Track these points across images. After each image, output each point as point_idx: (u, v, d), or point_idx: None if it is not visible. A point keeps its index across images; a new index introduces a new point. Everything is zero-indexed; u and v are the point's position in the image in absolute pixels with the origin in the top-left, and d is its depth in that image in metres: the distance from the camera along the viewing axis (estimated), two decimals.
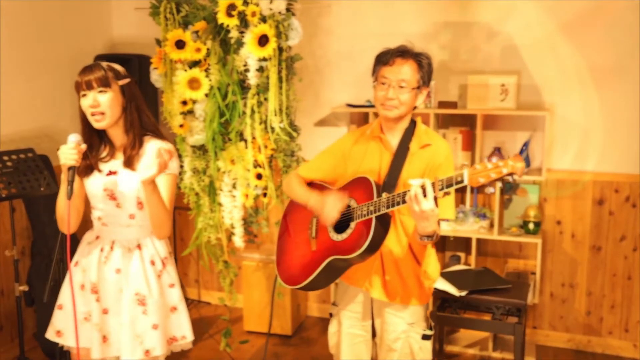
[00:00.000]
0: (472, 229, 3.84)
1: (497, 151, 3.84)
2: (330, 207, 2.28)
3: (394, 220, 2.35)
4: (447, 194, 2.02)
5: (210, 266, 3.81)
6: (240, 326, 4.28)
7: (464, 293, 3.30)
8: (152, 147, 2.33)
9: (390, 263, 2.39)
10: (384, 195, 2.19)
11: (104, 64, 2.30)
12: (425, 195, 2.01)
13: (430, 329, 2.49)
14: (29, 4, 3.91)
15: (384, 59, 2.34)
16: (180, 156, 3.47)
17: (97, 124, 2.27)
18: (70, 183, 2.19)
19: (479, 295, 3.31)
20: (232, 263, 3.65)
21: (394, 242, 2.38)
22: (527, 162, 3.77)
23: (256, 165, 3.31)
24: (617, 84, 3.70)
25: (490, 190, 2.01)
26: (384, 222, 2.25)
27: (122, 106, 2.30)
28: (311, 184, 2.54)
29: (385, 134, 2.40)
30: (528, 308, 3.74)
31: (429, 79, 2.35)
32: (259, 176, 3.30)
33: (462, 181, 1.95)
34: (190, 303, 4.73)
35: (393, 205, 2.13)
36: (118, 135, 2.34)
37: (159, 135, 2.39)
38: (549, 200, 3.90)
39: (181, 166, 3.48)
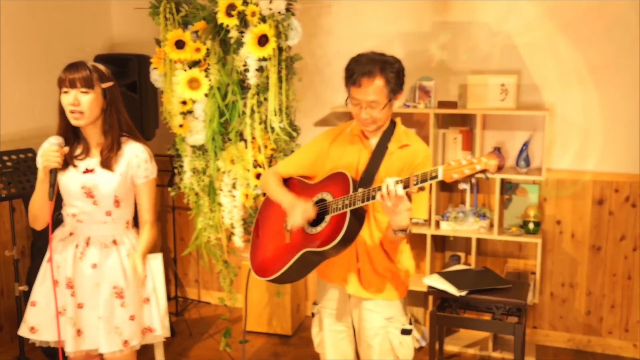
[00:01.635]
0: (472, 228, 3.84)
1: (497, 151, 3.82)
2: (297, 214, 2.33)
3: (368, 216, 2.37)
4: (421, 189, 2.05)
5: (210, 266, 3.81)
6: (240, 326, 4.28)
7: (464, 293, 3.30)
8: (130, 149, 2.41)
9: (363, 254, 2.43)
10: (360, 190, 2.21)
11: (90, 63, 2.34)
12: (397, 190, 2.04)
13: (410, 323, 2.50)
14: (29, 4, 3.91)
15: (351, 78, 2.27)
16: (179, 156, 3.48)
17: (75, 121, 2.32)
18: (52, 185, 2.27)
19: (479, 295, 3.31)
20: (232, 263, 3.65)
21: (367, 237, 2.41)
22: (527, 162, 3.77)
23: (256, 165, 3.31)
24: (617, 83, 3.70)
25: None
26: (359, 217, 2.28)
27: (101, 108, 2.35)
28: (290, 178, 2.58)
29: (365, 133, 2.43)
30: (528, 308, 3.73)
31: (402, 83, 2.32)
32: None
33: (436, 176, 2.00)
34: (190, 303, 4.73)
35: (368, 200, 2.16)
36: (94, 135, 2.40)
37: (135, 137, 2.46)
38: (548, 200, 3.89)
39: (181, 166, 3.49)
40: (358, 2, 4.08)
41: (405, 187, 2.04)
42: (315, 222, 2.36)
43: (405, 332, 2.46)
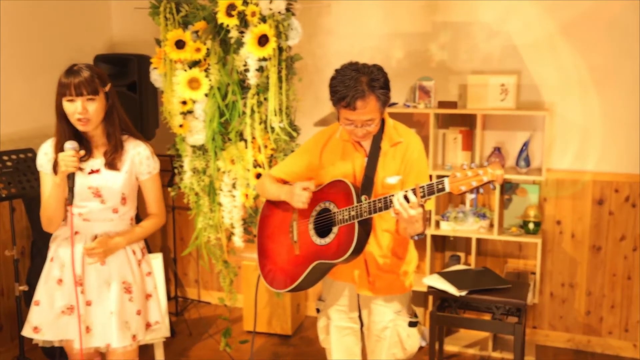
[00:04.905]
0: (472, 228, 3.84)
1: (497, 151, 3.84)
2: (297, 196, 2.36)
3: (373, 222, 2.38)
4: (428, 199, 2.11)
5: (210, 266, 3.81)
6: (240, 326, 4.28)
7: (463, 293, 3.30)
8: (132, 147, 2.45)
9: (373, 265, 2.45)
10: (364, 198, 2.25)
11: (88, 67, 2.33)
12: (409, 202, 2.08)
13: (415, 316, 2.55)
14: (29, 4, 3.91)
15: (342, 102, 2.22)
16: (179, 156, 3.49)
17: (83, 127, 2.35)
18: (71, 189, 2.29)
19: (478, 295, 3.31)
20: (231, 263, 3.65)
21: (374, 246, 2.42)
22: (527, 162, 3.78)
23: (256, 165, 3.31)
24: (616, 84, 3.70)
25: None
26: (366, 226, 2.30)
27: (104, 111, 2.38)
28: (286, 184, 2.59)
29: None
30: (528, 308, 3.74)
31: (389, 90, 2.29)
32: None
33: (443, 189, 2.05)
34: (190, 303, 4.73)
35: (375, 211, 2.20)
36: (97, 136, 2.42)
37: (135, 135, 2.50)
38: (548, 200, 3.90)
39: (181, 166, 3.49)
40: (358, 2, 4.08)
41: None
42: (322, 233, 2.38)
43: (412, 324, 2.52)
